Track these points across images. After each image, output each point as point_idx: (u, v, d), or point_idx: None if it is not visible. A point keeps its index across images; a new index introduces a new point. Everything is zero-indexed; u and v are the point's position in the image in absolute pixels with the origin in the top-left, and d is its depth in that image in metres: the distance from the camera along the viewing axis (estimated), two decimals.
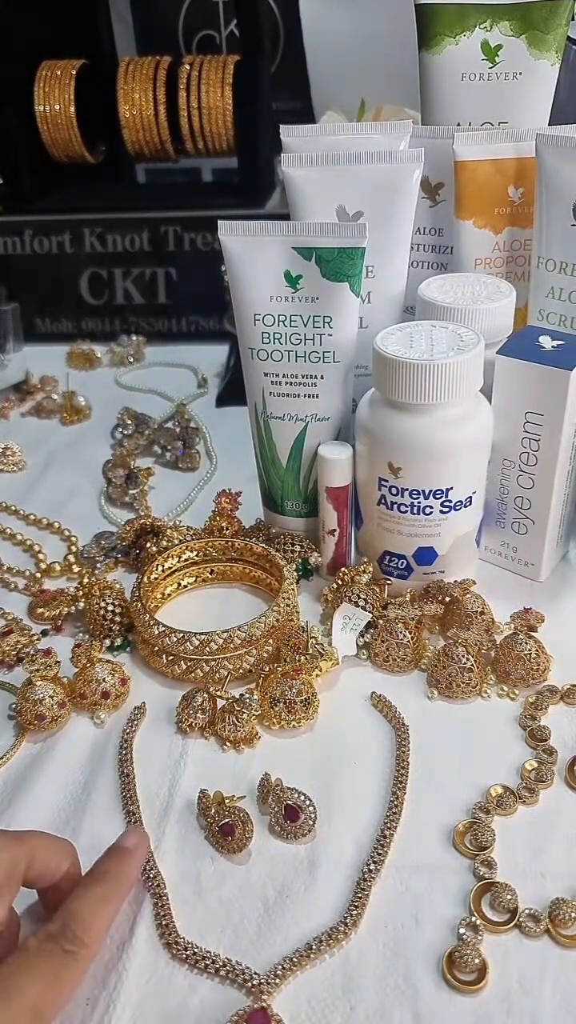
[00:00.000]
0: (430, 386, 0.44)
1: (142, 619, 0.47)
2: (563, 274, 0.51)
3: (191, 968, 0.34)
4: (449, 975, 0.33)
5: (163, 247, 0.87)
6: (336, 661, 0.46)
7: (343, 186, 0.51)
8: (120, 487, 0.64)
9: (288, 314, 0.49)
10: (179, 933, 0.35)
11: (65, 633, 0.52)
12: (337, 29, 0.92)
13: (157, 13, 1.01)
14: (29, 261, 0.89)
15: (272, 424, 0.52)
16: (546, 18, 0.54)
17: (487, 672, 0.46)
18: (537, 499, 0.50)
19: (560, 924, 0.34)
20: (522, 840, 0.38)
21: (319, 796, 0.40)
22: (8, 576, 0.57)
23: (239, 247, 0.49)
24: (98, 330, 0.91)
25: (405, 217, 0.52)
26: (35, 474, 0.69)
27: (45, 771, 0.42)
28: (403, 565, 0.50)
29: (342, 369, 0.50)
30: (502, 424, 0.48)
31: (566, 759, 0.41)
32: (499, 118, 0.57)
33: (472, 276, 0.53)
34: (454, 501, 0.47)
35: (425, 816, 0.39)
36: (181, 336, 0.90)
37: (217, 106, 0.86)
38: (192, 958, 0.34)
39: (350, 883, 0.36)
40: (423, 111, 0.59)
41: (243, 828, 0.38)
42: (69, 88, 0.87)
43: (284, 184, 0.53)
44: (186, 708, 0.44)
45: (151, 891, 0.36)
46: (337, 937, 0.34)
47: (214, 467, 0.68)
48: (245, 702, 0.43)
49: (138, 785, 0.41)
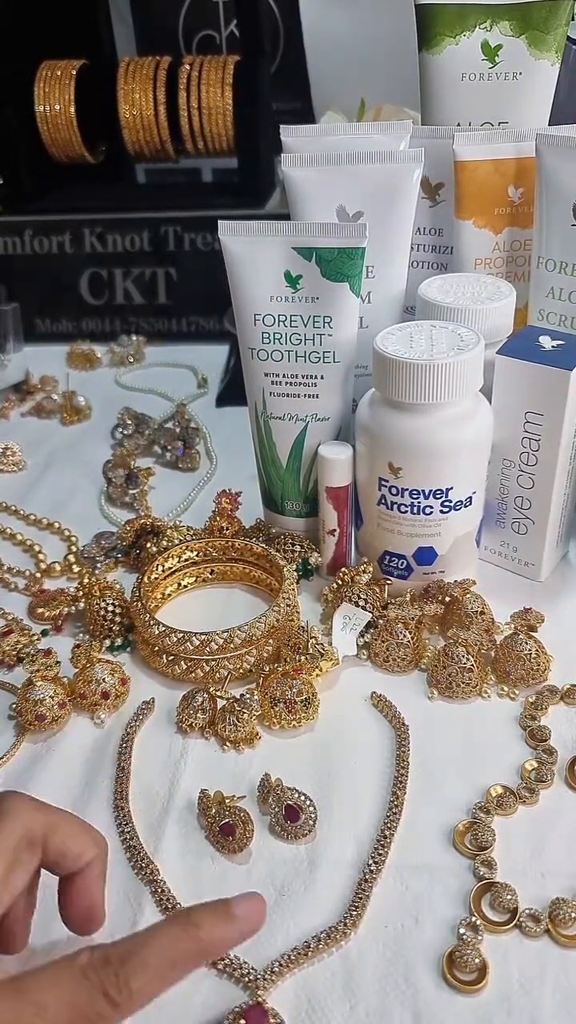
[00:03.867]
0: (430, 386, 0.44)
1: (142, 619, 0.47)
2: (563, 274, 0.51)
3: None
4: (449, 975, 0.33)
5: (163, 247, 0.87)
6: (336, 661, 0.46)
7: (343, 186, 0.51)
8: (120, 487, 0.64)
9: (288, 314, 0.49)
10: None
11: (65, 633, 0.52)
12: (337, 29, 0.92)
13: (157, 13, 1.01)
14: (29, 261, 0.89)
15: (272, 424, 0.52)
16: (546, 18, 0.55)
17: (487, 672, 0.46)
18: (537, 499, 0.50)
19: (560, 924, 0.34)
20: (522, 840, 0.38)
21: (319, 796, 0.40)
22: (8, 576, 0.57)
23: (239, 247, 0.49)
24: (98, 330, 0.91)
25: (405, 217, 0.52)
26: (35, 474, 0.69)
27: (45, 771, 0.42)
28: (403, 565, 0.50)
29: (342, 369, 0.50)
30: (502, 424, 0.48)
31: (566, 759, 0.41)
32: (499, 118, 0.57)
33: (472, 276, 0.53)
34: (454, 501, 0.47)
35: (425, 816, 0.39)
36: (181, 336, 0.90)
37: (217, 106, 0.86)
38: None
39: (350, 883, 0.36)
40: (423, 111, 0.59)
41: (243, 828, 0.38)
42: (69, 88, 0.87)
43: (284, 184, 0.53)
44: (186, 708, 0.44)
45: (151, 889, 0.36)
46: (336, 936, 0.34)
47: (214, 467, 0.68)
48: (245, 702, 0.43)
49: (132, 783, 0.41)
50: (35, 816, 0.31)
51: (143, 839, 0.39)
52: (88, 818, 0.39)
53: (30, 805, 0.32)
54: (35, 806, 0.32)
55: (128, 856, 0.38)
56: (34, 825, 0.31)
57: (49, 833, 0.31)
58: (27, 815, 0.31)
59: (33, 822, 0.31)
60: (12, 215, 0.89)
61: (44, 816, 0.32)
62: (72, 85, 0.87)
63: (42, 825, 0.31)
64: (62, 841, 0.32)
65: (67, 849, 0.32)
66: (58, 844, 0.32)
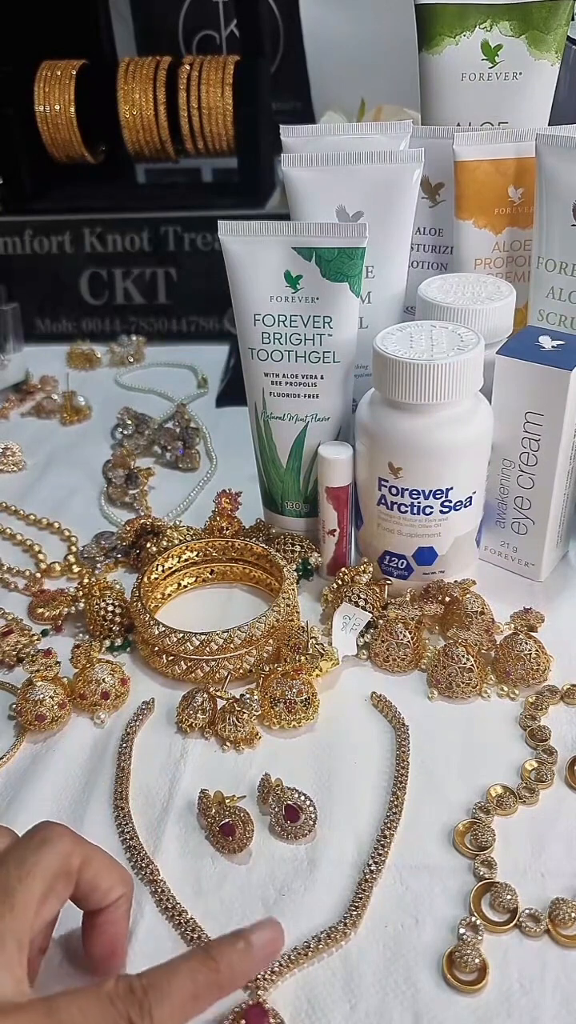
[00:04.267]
0: (430, 386, 0.44)
1: (142, 619, 0.47)
2: (563, 274, 0.51)
3: None
4: (449, 975, 0.33)
5: (163, 247, 0.87)
6: (336, 661, 0.46)
7: (343, 186, 0.51)
8: (120, 487, 0.64)
9: (288, 314, 0.49)
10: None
11: (65, 633, 0.52)
12: (337, 29, 0.92)
13: (157, 13, 1.01)
14: (29, 261, 0.89)
15: (272, 424, 0.52)
16: (546, 18, 0.54)
17: (487, 672, 0.46)
18: (537, 499, 0.50)
19: (560, 924, 0.34)
20: (522, 840, 0.38)
21: (319, 796, 0.40)
22: (8, 576, 0.57)
23: (239, 247, 0.49)
24: (98, 330, 0.91)
25: (405, 217, 0.52)
26: (35, 474, 0.69)
27: (45, 772, 0.42)
28: (403, 565, 0.50)
29: (342, 369, 0.50)
30: (502, 424, 0.48)
31: (566, 759, 0.41)
32: (499, 118, 0.57)
33: (472, 276, 0.53)
34: (454, 501, 0.47)
35: (425, 816, 0.39)
36: (181, 336, 0.90)
37: (217, 106, 0.86)
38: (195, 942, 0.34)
39: (350, 883, 0.36)
40: (423, 111, 0.59)
41: (243, 828, 0.38)
42: (69, 88, 0.87)
43: (284, 184, 0.53)
44: (186, 708, 0.44)
45: (151, 890, 0.36)
46: (336, 937, 0.34)
47: (214, 467, 0.68)
48: (245, 702, 0.43)
49: (132, 783, 0.41)
50: (74, 848, 0.31)
51: (143, 839, 0.39)
52: (88, 818, 0.40)
53: (70, 837, 0.32)
54: (74, 838, 0.32)
55: (128, 856, 0.38)
56: (72, 857, 0.31)
57: (84, 866, 0.32)
58: (67, 846, 0.31)
59: (72, 854, 0.31)
60: (12, 215, 0.89)
61: (81, 849, 0.32)
62: (72, 85, 0.87)
63: (79, 857, 0.31)
64: (95, 875, 0.32)
65: (98, 884, 0.32)
66: (90, 878, 0.32)
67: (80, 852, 0.31)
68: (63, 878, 0.31)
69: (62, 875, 0.31)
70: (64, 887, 0.31)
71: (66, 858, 0.31)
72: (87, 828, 0.39)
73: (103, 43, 0.96)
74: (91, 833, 0.39)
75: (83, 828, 0.39)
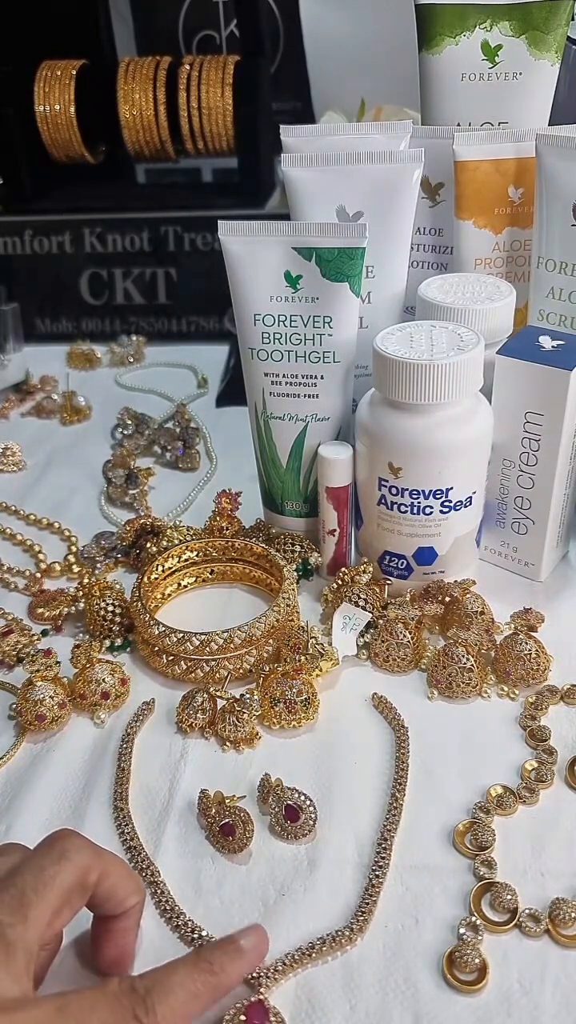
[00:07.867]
0: (430, 386, 0.44)
1: (142, 619, 0.47)
2: (563, 274, 0.51)
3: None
4: (449, 975, 0.33)
5: (163, 247, 0.87)
6: (336, 661, 0.46)
7: (343, 186, 0.51)
8: (120, 487, 0.64)
9: (288, 314, 0.49)
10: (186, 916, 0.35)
11: (65, 633, 0.52)
12: (337, 29, 0.92)
13: (157, 13, 1.01)
14: (29, 261, 0.89)
15: (272, 424, 0.52)
16: (546, 18, 0.54)
17: (487, 672, 0.46)
18: (537, 499, 0.50)
19: (560, 924, 0.34)
20: (522, 840, 0.38)
21: (319, 796, 0.40)
22: (8, 576, 0.57)
23: (239, 247, 0.49)
24: (98, 330, 0.91)
25: (405, 217, 0.52)
26: (35, 474, 0.69)
27: (45, 772, 0.42)
28: (403, 565, 0.50)
29: (342, 369, 0.50)
30: (502, 424, 0.48)
31: (566, 759, 0.41)
32: (499, 118, 0.57)
33: (472, 276, 0.53)
34: (454, 501, 0.47)
35: (425, 816, 0.39)
36: (181, 336, 0.90)
37: (217, 106, 0.86)
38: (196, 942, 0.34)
39: (350, 883, 0.36)
40: (423, 111, 0.59)
41: (243, 828, 0.38)
42: (69, 88, 0.87)
43: (284, 184, 0.53)
44: (186, 708, 0.44)
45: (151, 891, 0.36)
46: (342, 942, 0.34)
47: (214, 467, 0.68)
48: (245, 702, 0.43)
49: (132, 783, 0.41)
50: (93, 863, 0.31)
51: (143, 839, 0.39)
52: (88, 818, 0.40)
53: (89, 850, 0.32)
54: (93, 850, 0.32)
55: (128, 857, 0.38)
56: (91, 872, 0.31)
57: (102, 878, 0.32)
58: (86, 860, 0.31)
59: (91, 869, 0.31)
60: (12, 215, 0.89)
61: (100, 861, 0.32)
62: (72, 85, 0.87)
63: (96, 872, 0.31)
64: (112, 885, 0.32)
65: (115, 893, 0.32)
66: (108, 887, 0.32)
67: (98, 866, 0.32)
68: (79, 891, 0.31)
69: (78, 888, 0.31)
70: (79, 899, 0.31)
71: (84, 873, 0.31)
72: (87, 828, 0.39)
73: (103, 43, 0.96)
74: (91, 833, 0.38)
75: (83, 828, 0.39)
